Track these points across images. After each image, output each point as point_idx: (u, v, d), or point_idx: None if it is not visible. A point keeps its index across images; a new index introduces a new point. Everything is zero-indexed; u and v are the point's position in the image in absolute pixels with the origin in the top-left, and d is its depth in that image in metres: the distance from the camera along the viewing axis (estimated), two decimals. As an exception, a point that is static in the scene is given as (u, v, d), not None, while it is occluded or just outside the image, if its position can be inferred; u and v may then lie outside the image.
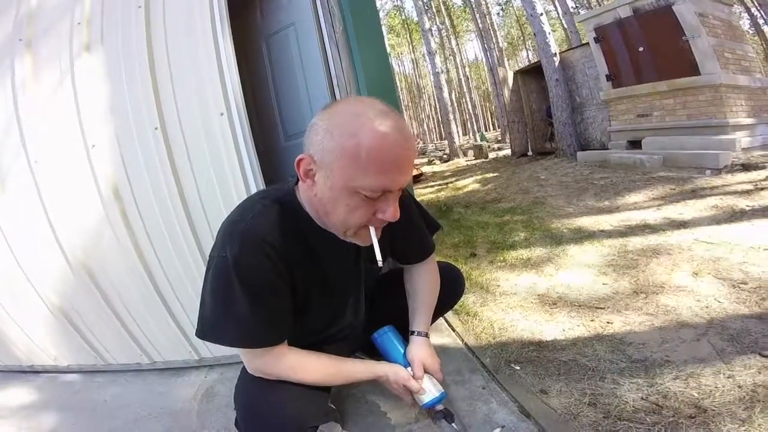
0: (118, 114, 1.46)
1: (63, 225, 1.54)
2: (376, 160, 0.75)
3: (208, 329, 0.88)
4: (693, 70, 5.05)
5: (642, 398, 1.17)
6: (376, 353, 1.19)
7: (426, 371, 1.09)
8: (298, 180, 0.91)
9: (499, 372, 1.43)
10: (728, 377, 1.18)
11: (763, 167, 3.57)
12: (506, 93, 9.15)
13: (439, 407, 1.10)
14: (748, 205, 2.71)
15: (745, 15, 17.10)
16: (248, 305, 0.84)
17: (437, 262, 1.28)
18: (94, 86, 1.48)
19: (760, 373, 1.17)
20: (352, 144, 0.75)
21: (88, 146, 1.47)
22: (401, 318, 1.21)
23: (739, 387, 1.12)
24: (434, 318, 1.30)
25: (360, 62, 1.77)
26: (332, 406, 1.15)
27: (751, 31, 17.10)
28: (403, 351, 1.13)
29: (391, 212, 0.82)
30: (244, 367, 0.98)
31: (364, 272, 1.13)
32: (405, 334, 1.18)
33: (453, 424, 1.08)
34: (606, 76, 6.28)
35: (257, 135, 1.77)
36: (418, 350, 1.12)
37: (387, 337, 1.19)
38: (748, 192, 2.98)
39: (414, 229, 1.17)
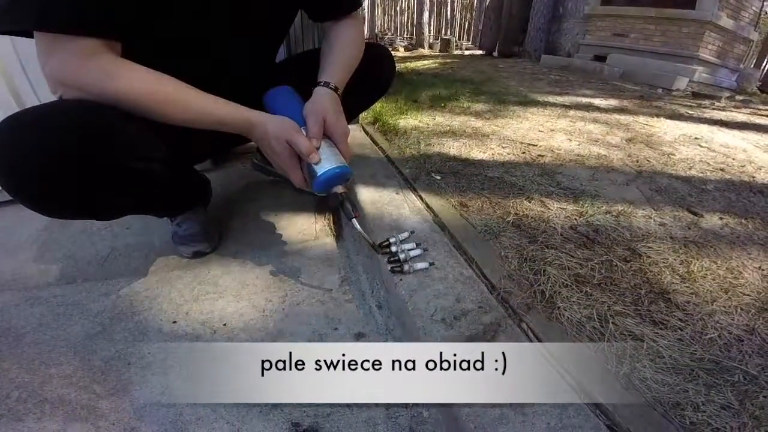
0: None
1: None
2: None
3: None
4: (689, 3, 4.87)
5: (571, 228, 1.04)
6: None
7: (327, 135, 0.79)
8: None
9: (418, 181, 1.27)
10: (660, 225, 1.10)
11: (711, 98, 3.63)
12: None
13: (339, 189, 0.78)
14: (688, 112, 2.71)
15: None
16: None
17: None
18: None
19: (690, 228, 1.10)
20: None
21: None
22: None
23: (672, 238, 1.04)
24: (355, 107, 1.06)
25: None
26: (207, 173, 0.86)
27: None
28: (301, 111, 0.80)
29: None
30: None
31: None
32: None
33: (353, 220, 0.77)
34: (599, -7, 5.94)
35: None
36: (320, 102, 0.80)
37: (282, 92, 0.87)
38: (690, 107, 2.98)
39: None
